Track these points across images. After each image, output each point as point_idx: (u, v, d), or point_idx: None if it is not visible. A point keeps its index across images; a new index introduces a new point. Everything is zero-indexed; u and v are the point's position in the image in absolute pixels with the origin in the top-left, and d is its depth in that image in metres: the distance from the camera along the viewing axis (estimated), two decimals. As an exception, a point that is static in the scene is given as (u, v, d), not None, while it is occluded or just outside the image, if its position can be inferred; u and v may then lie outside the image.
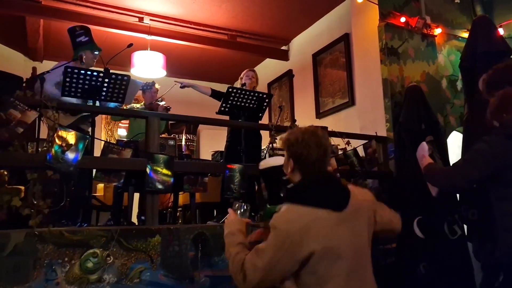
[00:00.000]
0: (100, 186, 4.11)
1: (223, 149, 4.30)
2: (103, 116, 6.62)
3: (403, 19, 4.05)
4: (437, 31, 4.27)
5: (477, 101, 3.32)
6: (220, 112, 3.59)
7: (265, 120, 3.78)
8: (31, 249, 2.21)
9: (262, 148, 4.31)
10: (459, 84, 4.29)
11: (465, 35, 4.20)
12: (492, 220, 2.29)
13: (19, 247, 2.19)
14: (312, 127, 1.81)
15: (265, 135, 3.94)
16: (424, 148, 2.68)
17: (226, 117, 3.74)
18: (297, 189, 1.71)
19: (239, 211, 1.90)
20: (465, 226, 3.38)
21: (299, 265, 1.55)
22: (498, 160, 2.21)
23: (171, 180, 2.81)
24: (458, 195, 3.41)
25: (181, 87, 4.37)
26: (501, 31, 3.96)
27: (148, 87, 4.50)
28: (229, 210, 1.88)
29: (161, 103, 4.31)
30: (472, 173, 2.26)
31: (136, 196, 3.52)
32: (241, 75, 4.33)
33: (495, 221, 2.27)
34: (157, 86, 4.63)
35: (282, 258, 1.53)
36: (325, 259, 1.54)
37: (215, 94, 4.20)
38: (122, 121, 6.85)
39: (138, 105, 4.86)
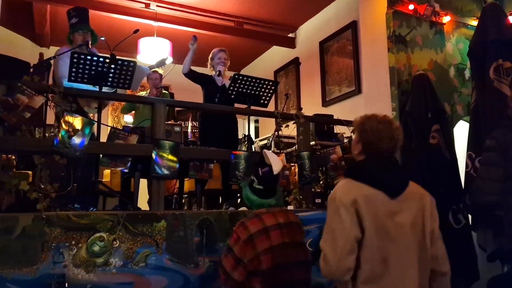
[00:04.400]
0: (107, 171, 4.14)
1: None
2: (110, 102, 6.62)
3: (411, 7, 4.00)
4: (446, 18, 4.20)
5: (487, 89, 3.30)
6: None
7: (271, 107, 3.77)
8: (39, 232, 2.26)
9: (268, 135, 4.31)
10: (467, 73, 4.24)
11: (475, 23, 4.13)
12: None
13: (27, 230, 2.23)
14: (388, 117, 1.86)
15: (266, 125, 3.93)
16: None
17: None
18: (356, 166, 1.81)
19: None
20: (469, 216, 3.38)
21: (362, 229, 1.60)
22: (504, 153, 2.20)
23: (177, 166, 2.83)
24: (463, 184, 3.42)
25: (193, 39, 4.18)
26: (511, 18, 3.89)
27: (149, 74, 4.48)
28: None
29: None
30: (498, 171, 2.25)
31: (143, 182, 3.54)
32: (211, 56, 4.14)
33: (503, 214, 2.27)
34: (160, 71, 4.64)
35: (347, 223, 1.59)
36: (374, 238, 1.60)
37: (190, 75, 4.05)
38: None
39: (143, 93, 4.87)
